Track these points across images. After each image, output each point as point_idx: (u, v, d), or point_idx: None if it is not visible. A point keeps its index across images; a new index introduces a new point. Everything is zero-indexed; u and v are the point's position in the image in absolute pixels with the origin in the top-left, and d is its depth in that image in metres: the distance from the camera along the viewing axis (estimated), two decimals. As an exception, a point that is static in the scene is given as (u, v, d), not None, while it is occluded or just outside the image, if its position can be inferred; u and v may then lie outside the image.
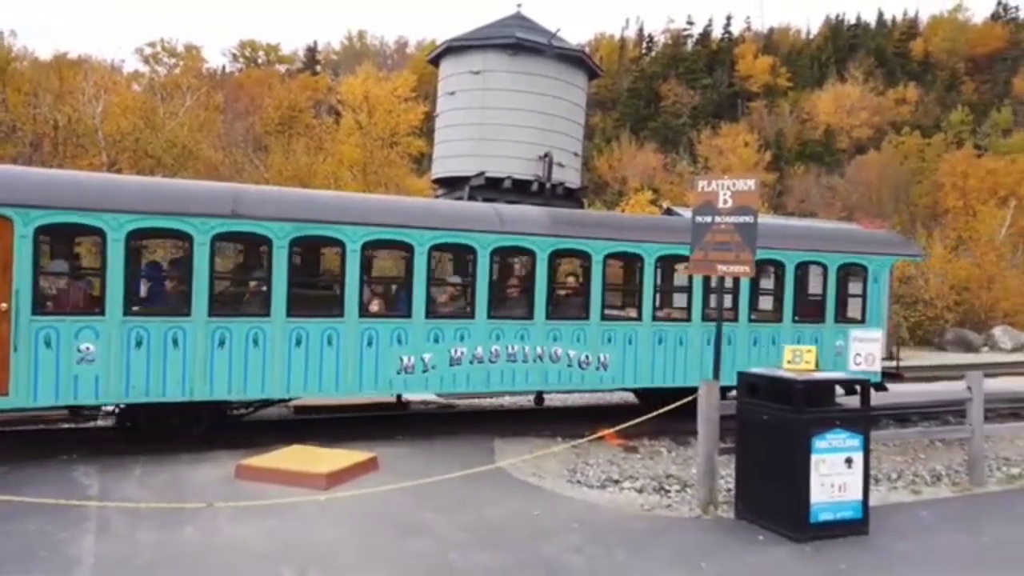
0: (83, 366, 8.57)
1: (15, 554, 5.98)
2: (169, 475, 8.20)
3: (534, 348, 10.78)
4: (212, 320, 9.10)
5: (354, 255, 9.77)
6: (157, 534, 6.41)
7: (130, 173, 28.96)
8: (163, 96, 35.89)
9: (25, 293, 8.31)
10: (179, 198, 9.13)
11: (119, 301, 8.70)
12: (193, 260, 9.01)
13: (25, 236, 8.29)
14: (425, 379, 10.23)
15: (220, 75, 43.08)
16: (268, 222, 9.34)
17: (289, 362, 9.48)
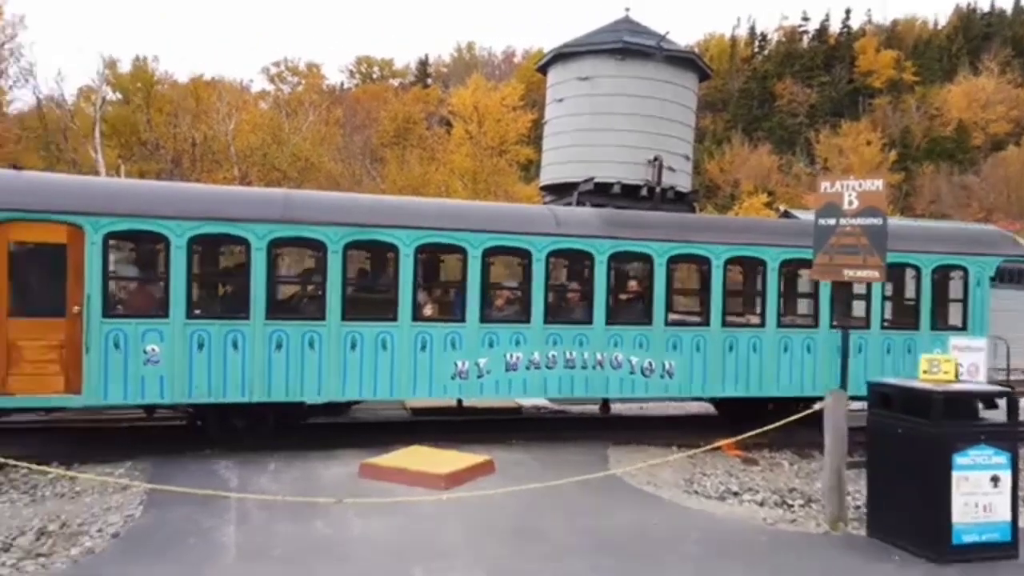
0: (149, 367, 8.76)
1: (170, 539, 6.36)
2: (300, 471, 8.41)
3: (593, 354, 10.24)
4: (269, 323, 9.13)
5: (407, 259, 9.57)
6: (291, 526, 6.63)
7: (259, 185, 30.30)
8: (288, 113, 37.42)
9: (96, 297, 8.58)
10: (236, 204, 9.22)
11: (182, 305, 8.86)
12: (251, 265, 9.09)
13: (95, 243, 8.56)
14: (480, 384, 9.91)
15: (339, 91, 44.58)
16: (322, 226, 9.29)
17: (344, 365, 9.38)
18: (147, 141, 34.59)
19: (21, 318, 8.45)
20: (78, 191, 8.83)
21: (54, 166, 31.06)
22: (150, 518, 6.85)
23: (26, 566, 5.78)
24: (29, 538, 6.33)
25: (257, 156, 35.31)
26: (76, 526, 6.62)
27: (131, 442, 9.16)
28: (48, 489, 7.80)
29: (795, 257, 11.03)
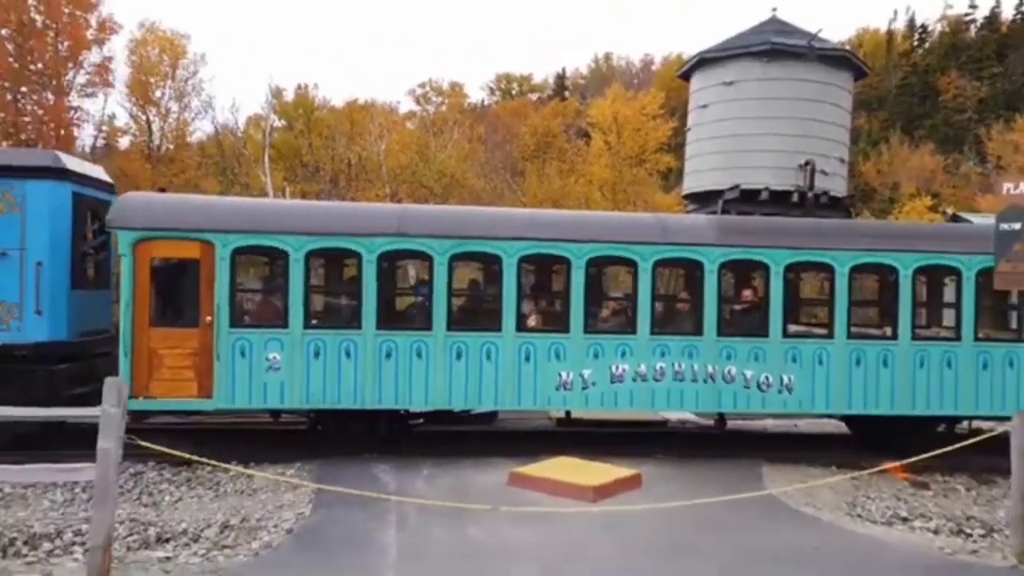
0: (271, 374, 9.21)
1: (338, 538, 6.68)
2: (452, 477, 8.60)
3: (704, 367, 9.73)
4: (380, 333, 9.35)
5: (511, 270, 9.52)
6: (447, 531, 6.80)
7: (408, 202, 31.49)
8: (434, 132, 38.66)
9: (224, 308, 9.13)
10: (349, 220, 9.53)
11: (300, 315, 9.26)
12: (362, 277, 9.36)
13: (224, 258, 9.12)
14: (585, 396, 9.66)
15: (480, 108, 45.60)
16: (429, 239, 9.42)
17: (450, 375, 9.44)
18: (308, 163, 36.78)
19: (161, 328, 9.14)
20: (209, 211, 9.44)
21: (229, 189, 33.68)
22: (319, 517, 7.21)
23: (215, 556, 6.25)
24: (215, 530, 6.83)
25: (406, 174, 36.67)
26: (255, 521, 7.06)
27: (300, 445, 9.58)
28: (229, 486, 8.35)
29: (932, 263, 10.02)
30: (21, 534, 6.65)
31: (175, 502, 7.91)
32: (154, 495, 8.10)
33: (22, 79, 32.93)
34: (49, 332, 9.42)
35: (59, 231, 9.58)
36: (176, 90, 37.23)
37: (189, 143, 37.45)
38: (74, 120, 35.03)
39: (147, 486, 8.32)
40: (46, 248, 9.40)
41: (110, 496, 5.51)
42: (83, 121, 35.46)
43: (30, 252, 9.32)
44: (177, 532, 6.81)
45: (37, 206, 9.38)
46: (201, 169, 35.94)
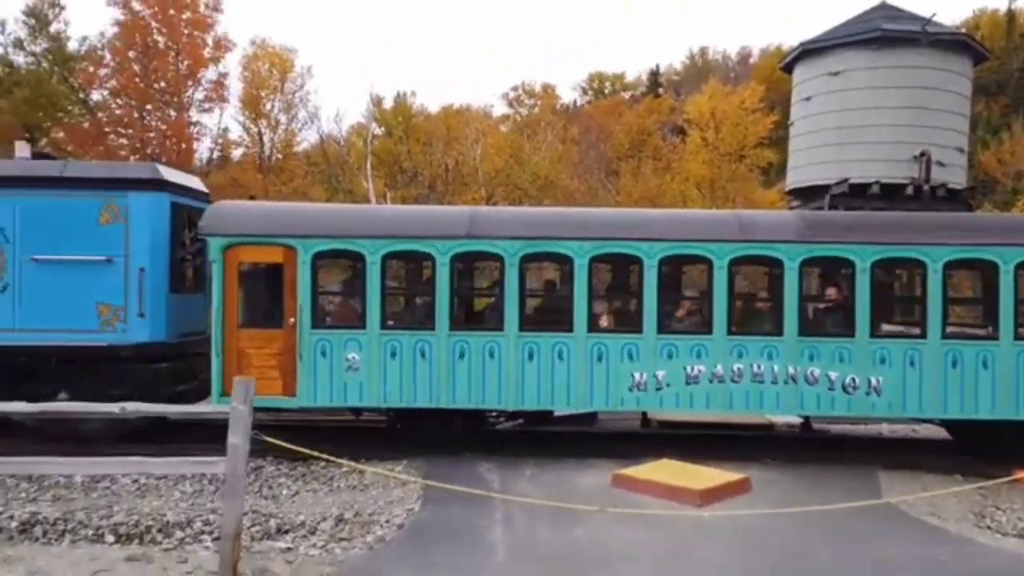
0: (350, 373, 9.50)
1: (448, 534, 6.87)
2: (554, 477, 8.63)
3: (784, 368, 9.35)
4: (453, 334, 9.48)
5: (581, 270, 9.44)
6: (553, 531, 6.85)
7: (503, 204, 31.84)
8: (527, 134, 38.86)
9: (306, 310, 9.49)
10: (423, 223, 9.71)
11: (377, 316, 9.51)
12: (436, 279, 9.51)
13: (305, 262, 9.48)
14: (659, 397, 9.47)
15: (572, 109, 45.38)
16: (500, 240, 9.48)
17: (522, 375, 9.46)
18: (407, 169, 37.71)
19: (249, 329, 9.59)
20: (291, 217, 9.83)
21: (334, 196, 34.98)
22: (428, 513, 7.41)
23: (333, 548, 6.52)
24: (330, 523, 7.11)
25: (501, 177, 37.02)
26: (367, 515, 7.30)
27: (406, 443, 9.75)
28: (342, 481, 8.64)
29: (1038, 258, 9.26)
30: (156, 522, 7.11)
31: (292, 495, 8.21)
32: (273, 488, 8.44)
33: (147, 97, 35.32)
34: (150, 333, 10.05)
35: (159, 239, 10.21)
36: (284, 102, 39.02)
37: (296, 153, 39.11)
38: (194, 134, 37.32)
39: (266, 480, 8.66)
40: (147, 255, 10.03)
41: (239, 489, 5.81)
42: (201, 135, 37.75)
43: (133, 259, 9.97)
44: (296, 524, 7.11)
45: (139, 216, 10.03)
46: (308, 177, 37.47)
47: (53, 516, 7.22)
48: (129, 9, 35.10)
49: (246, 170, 37.49)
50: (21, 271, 9.92)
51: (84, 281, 9.91)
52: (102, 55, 36.24)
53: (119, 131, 36.03)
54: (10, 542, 6.75)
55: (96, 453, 7.16)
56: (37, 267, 9.91)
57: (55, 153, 34.47)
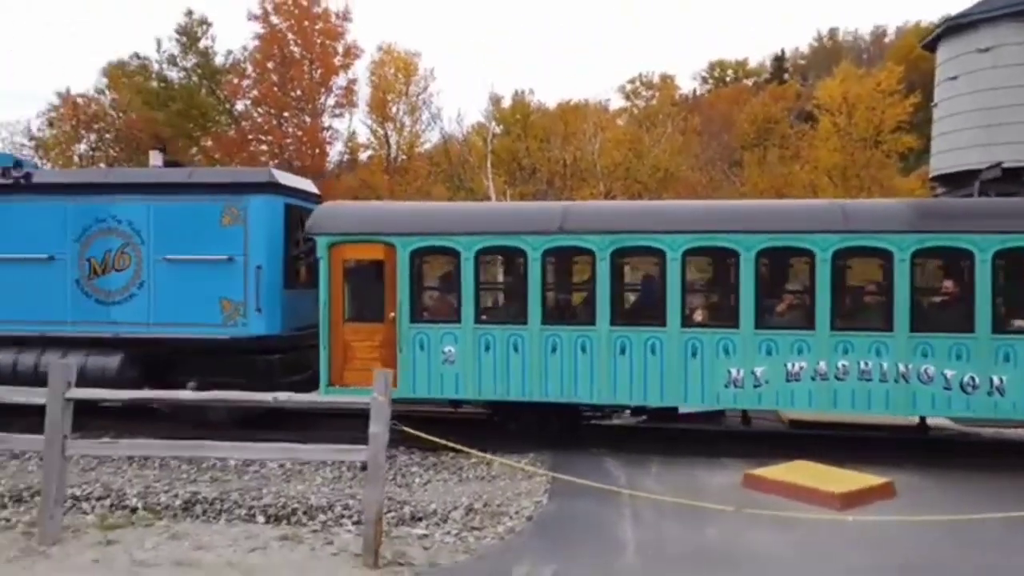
0: (447, 366, 9.77)
1: (577, 528, 6.96)
2: (682, 475, 8.55)
3: (894, 365, 8.80)
4: (545, 328, 9.55)
5: (674, 264, 9.26)
6: (683, 529, 6.76)
7: (622, 199, 31.56)
8: (646, 127, 38.24)
9: (405, 304, 9.85)
10: (515, 219, 9.83)
11: (471, 311, 9.73)
12: (528, 274, 9.61)
13: (404, 259, 9.84)
14: (757, 395, 9.15)
15: (692, 99, 44.01)
16: (591, 235, 9.45)
17: (614, 370, 9.40)
18: (525, 166, 38.03)
19: (353, 323, 10.08)
20: (390, 216, 10.22)
21: (455, 195, 35.84)
22: (556, 506, 7.50)
23: (466, 537, 6.75)
24: (461, 512, 7.32)
25: (620, 171, 36.66)
26: (496, 506, 7.46)
27: (531, 436, 9.88)
28: (471, 472, 8.83)
29: None
30: (301, 505, 7.52)
31: (424, 484, 8.47)
32: (406, 477, 8.73)
33: (285, 105, 37.55)
34: (267, 327, 10.75)
35: (274, 238, 10.89)
36: (409, 105, 40.31)
37: (420, 153, 40.32)
38: (326, 139, 39.29)
39: (400, 468, 8.94)
40: (263, 253, 10.73)
41: (380, 476, 6.08)
42: (333, 139, 39.68)
43: (251, 257, 10.68)
44: (428, 512, 7.34)
45: (256, 217, 10.74)
46: (431, 177, 38.53)
47: (211, 496, 7.75)
48: (268, 23, 37.39)
49: (374, 171, 39.04)
50: (154, 270, 10.86)
51: (209, 279, 10.72)
52: (244, 67, 38.83)
53: (260, 138, 38.51)
54: (175, 519, 7.30)
55: (248, 439, 7.61)
56: (168, 266, 10.81)
57: (204, 160, 37.26)
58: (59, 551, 6.21)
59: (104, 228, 10.97)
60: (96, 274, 10.99)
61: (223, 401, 7.62)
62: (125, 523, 7.02)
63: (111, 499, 7.73)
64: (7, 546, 6.32)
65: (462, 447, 7.70)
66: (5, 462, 9.05)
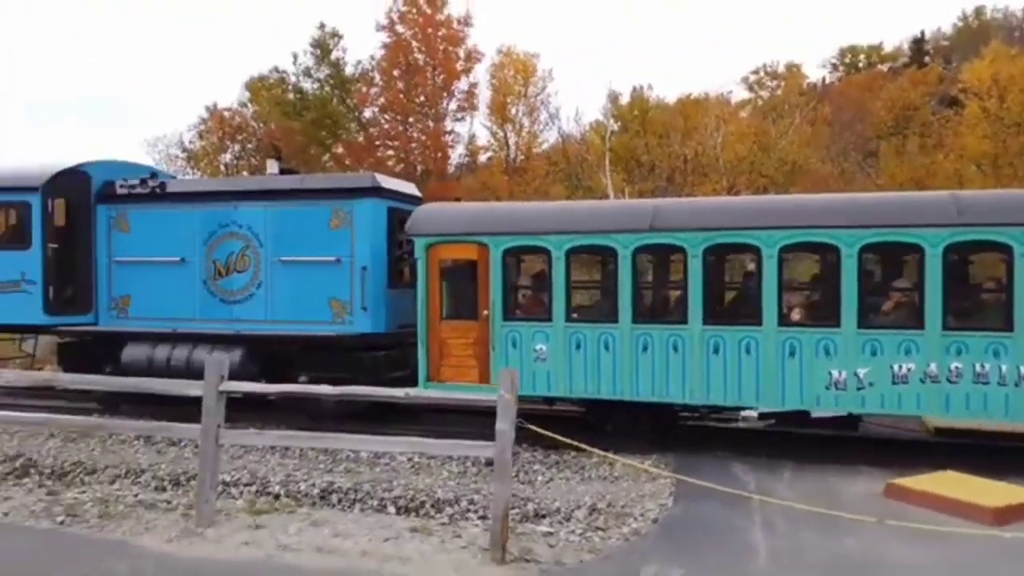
0: (539, 364, 9.90)
1: (704, 532, 6.78)
2: (816, 483, 8.23)
3: (1016, 368, 8.12)
4: (636, 327, 9.49)
5: (771, 260, 8.95)
6: (819, 538, 6.47)
7: (746, 194, 30.62)
8: (772, 118, 36.77)
9: (497, 303, 10.06)
10: (605, 218, 9.81)
11: (562, 309, 9.80)
12: (618, 272, 9.57)
13: (496, 258, 10.05)
14: (861, 397, 8.71)
15: (821, 87, 41.58)
16: (682, 232, 9.30)
17: (707, 370, 9.22)
18: (644, 163, 37.55)
19: (449, 321, 10.41)
20: (483, 217, 10.47)
21: (573, 193, 35.91)
22: (682, 509, 7.41)
23: (591, 536, 6.74)
24: (584, 511, 7.32)
25: (744, 165, 35.50)
26: (620, 507, 7.40)
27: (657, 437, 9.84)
28: (593, 471, 8.83)
29: None
30: (428, 498, 7.73)
31: (547, 482, 8.54)
32: (529, 474, 8.78)
33: (409, 111, 38.90)
34: (372, 325, 11.28)
35: (378, 240, 11.40)
36: (528, 106, 40.73)
37: (538, 154, 40.66)
38: (448, 142, 40.39)
39: (523, 466, 8.96)
40: (368, 255, 11.26)
41: (507, 472, 6.16)
42: (455, 142, 40.72)
43: (357, 259, 11.25)
44: (552, 510, 7.38)
45: (361, 220, 11.29)
46: (548, 177, 38.79)
47: (346, 486, 8.07)
48: (394, 32, 38.86)
49: (493, 173, 39.74)
50: (271, 271, 11.65)
51: (319, 279, 11.38)
52: (372, 76, 40.54)
53: (387, 144, 40.09)
54: (314, 507, 7.62)
55: (380, 433, 7.96)
56: (283, 267, 11.57)
57: (335, 166, 39.22)
58: (213, 533, 6.57)
59: (227, 232, 11.88)
60: (220, 275, 11.92)
61: (359, 396, 7.75)
62: (270, 509, 7.35)
63: (256, 486, 8.18)
64: (169, 526, 6.76)
65: (585, 446, 7.68)
66: (164, 448, 9.82)
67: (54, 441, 10.06)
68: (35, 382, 9.08)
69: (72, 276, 12.41)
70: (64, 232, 12.41)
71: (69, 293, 12.37)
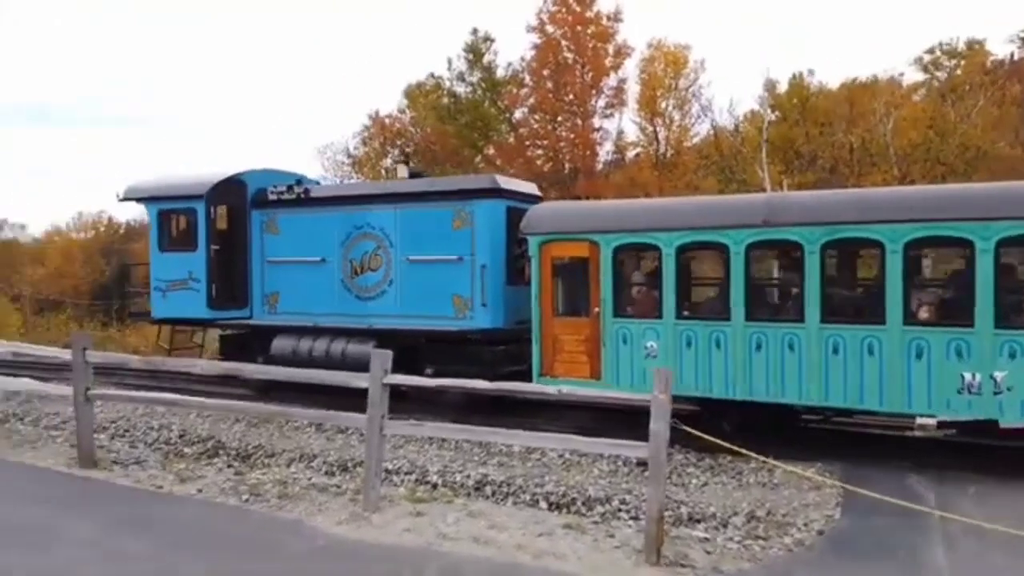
0: (649, 360, 9.92)
1: (875, 547, 6.44)
2: (1009, 500, 7.62)
3: None
4: (749, 325, 9.27)
5: (895, 256, 8.45)
6: (1013, 562, 5.99)
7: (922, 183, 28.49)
8: (951, 101, 33.82)
9: (608, 300, 10.18)
10: (715, 213, 9.63)
11: (672, 306, 9.75)
12: (730, 269, 9.38)
13: (606, 255, 10.17)
14: (998, 403, 8.04)
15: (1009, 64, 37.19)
16: (799, 227, 8.98)
17: (826, 370, 8.85)
18: (803, 154, 35.80)
19: (562, 317, 10.66)
20: (593, 215, 10.63)
21: (726, 187, 34.90)
22: (850, 522, 7.02)
23: (751, 545, 6.48)
24: (741, 519, 7.06)
25: (919, 152, 33.00)
26: (780, 516, 7.10)
27: (819, 443, 9.47)
28: (751, 477, 8.51)
29: None
30: (580, 495, 7.72)
31: (701, 486, 8.33)
32: (682, 477, 8.59)
33: (558, 110, 39.41)
34: (491, 320, 11.74)
35: (497, 239, 11.85)
36: (678, 99, 39.99)
37: (688, 147, 39.81)
38: (596, 140, 40.50)
39: (675, 468, 8.72)
40: (488, 254, 11.74)
41: (662, 474, 6.11)
42: (603, 139, 40.76)
43: (477, 257, 11.76)
44: (707, 515, 7.19)
45: (481, 220, 11.79)
46: (700, 171, 37.92)
47: (499, 479, 8.20)
48: (543, 32, 39.52)
49: (642, 169, 39.41)
50: (401, 269, 12.42)
51: (443, 277, 12.01)
52: (522, 77, 41.43)
53: (536, 143, 40.85)
54: (469, 498, 7.79)
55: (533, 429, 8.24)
56: (411, 266, 12.31)
57: (486, 168, 40.45)
58: (378, 518, 6.87)
59: (362, 233, 12.80)
60: (356, 274, 12.86)
61: (512, 392, 8.01)
62: (429, 498, 7.61)
63: (416, 475, 8.49)
64: (339, 510, 7.16)
65: (743, 450, 7.46)
66: (333, 435, 10.46)
67: (239, 425, 10.98)
68: (226, 371, 10.07)
69: (231, 275, 13.84)
70: (224, 235, 13.88)
71: (228, 290, 13.80)
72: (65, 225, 67.88)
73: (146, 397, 10.25)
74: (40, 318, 50.05)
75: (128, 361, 11.34)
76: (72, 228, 67.10)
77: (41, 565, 5.75)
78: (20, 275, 59.16)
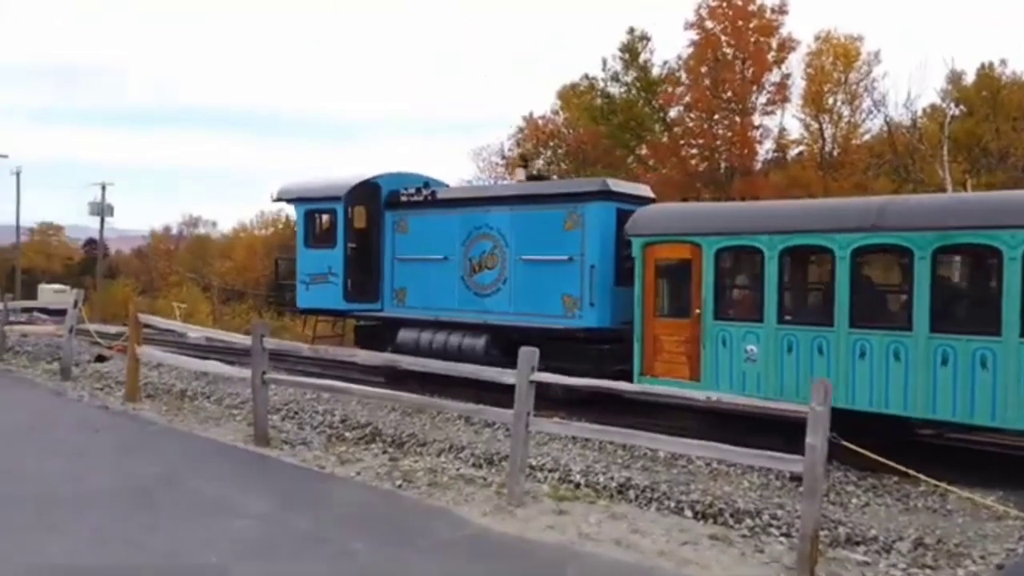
0: (748, 364, 9.93)
1: None
2: None
3: None
4: (853, 332, 9.08)
5: (1013, 264, 7.99)
6: None
7: None
8: None
9: (709, 302, 10.28)
10: (821, 216, 9.46)
11: (774, 311, 9.68)
12: (835, 273, 9.19)
13: (708, 258, 10.26)
14: None
15: None
16: (909, 232, 8.68)
17: (934, 381, 8.51)
18: (992, 152, 32.95)
19: (663, 318, 10.86)
20: (695, 217, 10.76)
21: (901, 187, 32.78)
22: None
23: (916, 574, 6.11)
24: (907, 544, 6.65)
25: None
26: (952, 545, 6.66)
27: (1000, 469, 8.96)
28: (919, 501, 8.00)
29: None
30: (727, 506, 7.40)
31: (862, 506, 7.92)
32: (840, 495, 8.18)
33: (715, 108, 38.62)
34: (598, 320, 12.11)
35: (606, 241, 12.20)
36: (848, 94, 37.95)
37: (858, 145, 37.67)
38: (756, 137, 39.24)
39: (833, 485, 8.31)
40: (597, 254, 12.12)
41: (818, 490, 5.88)
42: (763, 137, 39.42)
43: (587, 258, 12.17)
44: (867, 537, 6.81)
45: (591, 222, 12.19)
46: (870, 171, 35.84)
47: (642, 484, 8.03)
48: (702, 28, 38.86)
49: (805, 167, 37.81)
50: (514, 268, 13.06)
51: (554, 276, 12.54)
52: (679, 75, 40.95)
53: (691, 142, 40.23)
54: (611, 500, 7.70)
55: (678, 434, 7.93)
56: (523, 265, 12.93)
57: (638, 168, 40.39)
58: (522, 513, 6.94)
59: (481, 233, 13.58)
60: (474, 271, 13.66)
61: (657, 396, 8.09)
62: (571, 496, 7.60)
63: (559, 473, 8.43)
64: (484, 501, 7.28)
65: (911, 471, 7.08)
66: (480, 429, 10.85)
67: (394, 414, 11.57)
68: (386, 362, 11.05)
69: (365, 271, 15.09)
70: (361, 234, 15.16)
71: (362, 284, 15.05)
72: (249, 222, 74.99)
73: (314, 383, 11.08)
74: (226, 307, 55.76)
75: (300, 349, 12.43)
76: (255, 225, 73.98)
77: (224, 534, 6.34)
78: (211, 267, 66.19)
